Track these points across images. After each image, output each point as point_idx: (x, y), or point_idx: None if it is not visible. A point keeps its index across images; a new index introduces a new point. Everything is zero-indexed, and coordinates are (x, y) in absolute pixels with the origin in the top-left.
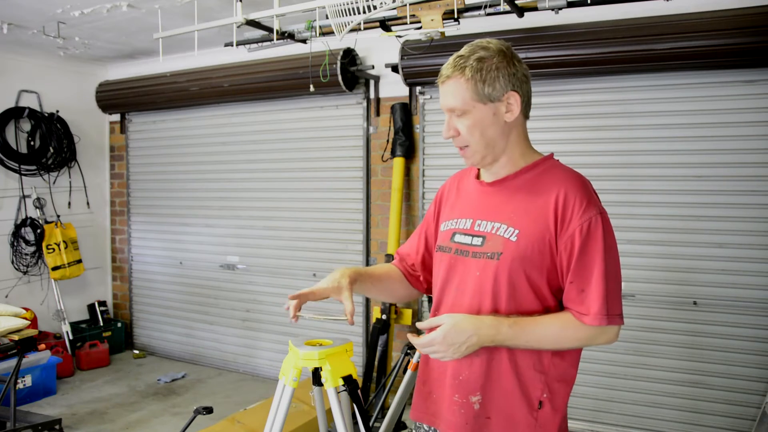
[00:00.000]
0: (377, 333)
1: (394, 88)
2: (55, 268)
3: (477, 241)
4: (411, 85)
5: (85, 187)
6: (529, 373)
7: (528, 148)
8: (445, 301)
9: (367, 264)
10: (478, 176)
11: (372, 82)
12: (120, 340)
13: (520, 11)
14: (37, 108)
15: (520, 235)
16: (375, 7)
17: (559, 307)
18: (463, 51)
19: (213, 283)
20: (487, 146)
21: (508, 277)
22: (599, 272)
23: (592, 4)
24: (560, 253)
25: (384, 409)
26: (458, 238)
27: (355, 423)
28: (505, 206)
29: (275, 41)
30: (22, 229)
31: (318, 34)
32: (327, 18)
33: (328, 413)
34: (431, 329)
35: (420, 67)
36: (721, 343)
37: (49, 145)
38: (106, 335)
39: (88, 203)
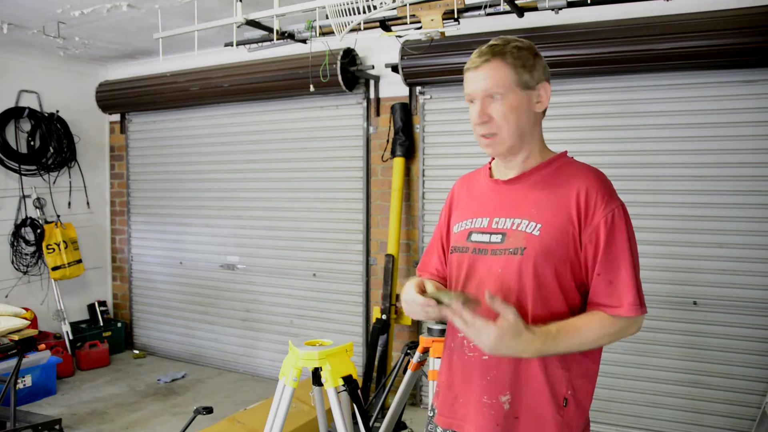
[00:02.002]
0: (377, 333)
1: (394, 88)
2: (55, 268)
3: (496, 238)
4: (411, 85)
5: (85, 187)
6: (556, 372)
7: (544, 145)
8: None
9: (367, 264)
10: (490, 175)
11: (372, 82)
12: (120, 340)
13: (520, 11)
14: (37, 108)
15: (543, 229)
16: (375, 7)
17: (583, 302)
18: (497, 41)
19: (213, 283)
20: (518, 135)
21: (533, 271)
22: (627, 263)
23: (592, 4)
24: (585, 246)
25: (384, 409)
26: (475, 236)
27: (355, 423)
28: (524, 202)
29: (275, 41)
30: (22, 229)
31: (318, 34)
32: (327, 18)
33: (328, 413)
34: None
35: (420, 67)
36: (721, 343)
37: (49, 145)
38: (106, 335)
39: (88, 203)
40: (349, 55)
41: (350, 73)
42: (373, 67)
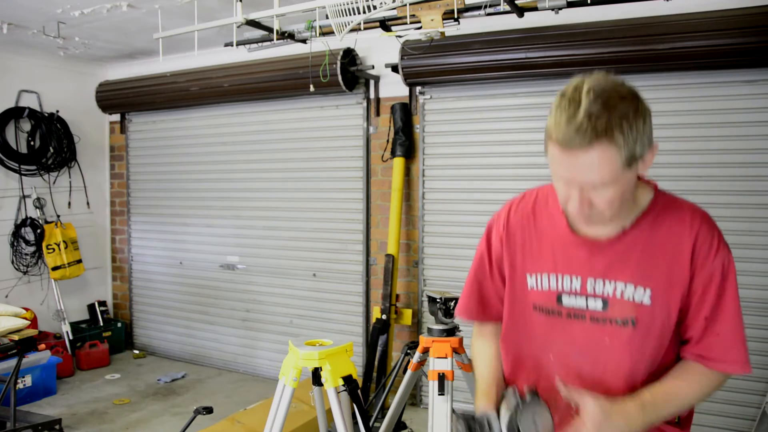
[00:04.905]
0: (377, 333)
1: (394, 88)
2: (55, 268)
3: (595, 304)
4: (411, 85)
5: (85, 187)
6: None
7: (637, 189)
8: (547, 363)
9: (367, 264)
10: (569, 224)
11: (372, 82)
12: (120, 340)
13: (520, 11)
14: (37, 108)
15: (654, 295)
16: (375, 7)
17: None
18: (594, 106)
19: (213, 283)
20: (619, 210)
21: (651, 344)
22: (737, 316)
23: (592, 4)
24: (693, 290)
25: (384, 409)
26: (567, 300)
27: (355, 423)
28: (625, 262)
29: (275, 41)
30: (22, 229)
31: (318, 34)
32: (327, 18)
33: (328, 413)
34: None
35: (420, 67)
36: None
37: (49, 145)
38: (106, 335)
39: (88, 203)
40: (349, 55)
41: (350, 73)
42: (373, 67)
